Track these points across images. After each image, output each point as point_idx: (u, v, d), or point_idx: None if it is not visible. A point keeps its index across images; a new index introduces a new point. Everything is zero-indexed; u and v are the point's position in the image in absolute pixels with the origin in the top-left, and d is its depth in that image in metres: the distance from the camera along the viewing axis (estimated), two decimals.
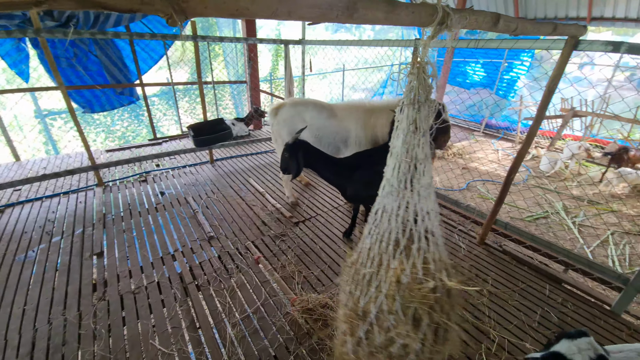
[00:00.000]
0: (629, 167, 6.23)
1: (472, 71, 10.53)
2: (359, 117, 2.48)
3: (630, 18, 6.53)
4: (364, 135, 2.47)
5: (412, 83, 0.98)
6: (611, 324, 1.84)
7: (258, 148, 4.70)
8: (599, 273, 2.04)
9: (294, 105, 2.66)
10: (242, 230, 2.68)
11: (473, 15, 0.95)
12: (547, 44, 1.87)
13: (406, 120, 1.03)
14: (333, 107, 2.64)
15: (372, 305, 1.04)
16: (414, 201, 1.08)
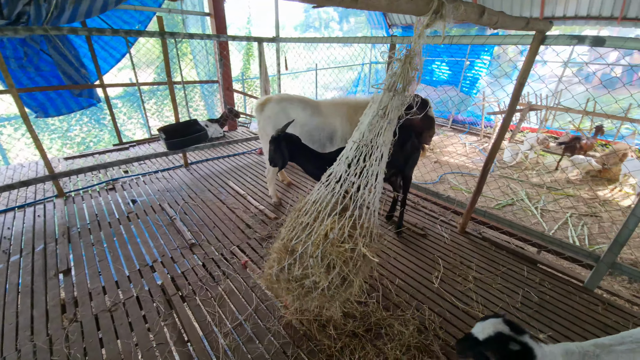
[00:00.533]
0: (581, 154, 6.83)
1: (438, 69, 11.02)
2: (345, 113, 2.48)
3: (580, 16, 7.12)
4: (349, 131, 2.48)
5: (396, 70, 0.99)
6: (586, 299, 1.99)
7: (234, 149, 4.55)
8: (571, 252, 2.21)
9: (279, 101, 2.60)
10: (225, 235, 2.57)
11: (463, 6, 0.96)
12: (517, 39, 1.98)
13: (377, 104, 1.04)
14: (319, 103, 2.62)
15: (300, 246, 1.33)
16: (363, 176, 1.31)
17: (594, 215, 5.31)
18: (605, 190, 6.16)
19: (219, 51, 4.49)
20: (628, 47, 1.58)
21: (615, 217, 5.18)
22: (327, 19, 23.83)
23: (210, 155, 4.31)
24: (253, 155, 4.35)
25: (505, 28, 1.38)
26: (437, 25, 0.88)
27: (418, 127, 2.18)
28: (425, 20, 0.87)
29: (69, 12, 2.73)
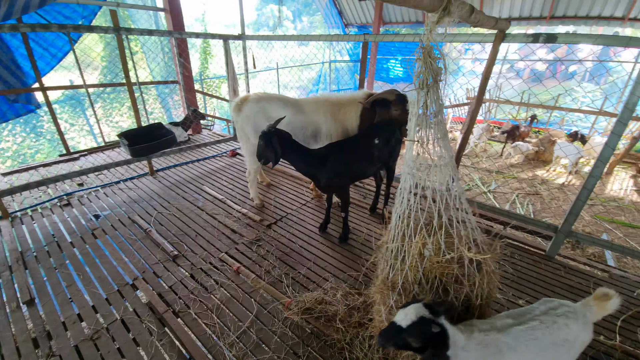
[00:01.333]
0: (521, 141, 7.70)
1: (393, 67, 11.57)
2: (328, 111, 2.49)
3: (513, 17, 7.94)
4: (334, 128, 2.50)
5: (420, 68, 1.04)
6: (550, 266, 2.27)
7: (203, 153, 4.32)
8: (533, 226, 2.50)
9: (257, 100, 2.53)
10: (211, 243, 2.44)
11: (461, 5, 1.04)
12: (481, 38, 2.17)
13: (417, 104, 1.08)
14: (299, 102, 2.59)
15: (398, 277, 1.12)
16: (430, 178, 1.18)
17: (536, 194, 6.02)
18: (542, 171, 7.02)
19: (178, 50, 4.20)
20: (576, 42, 1.84)
21: (553, 194, 5.95)
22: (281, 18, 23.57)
23: (177, 160, 4.04)
24: (225, 158, 4.18)
25: (482, 26, 1.51)
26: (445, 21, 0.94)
27: (399, 121, 2.29)
28: (436, 16, 0.93)
29: (4, 9, 2.35)
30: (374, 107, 2.36)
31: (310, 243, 2.46)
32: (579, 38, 1.83)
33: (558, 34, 1.85)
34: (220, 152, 4.36)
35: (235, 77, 3.98)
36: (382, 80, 11.90)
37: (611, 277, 2.17)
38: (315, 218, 2.80)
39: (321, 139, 2.55)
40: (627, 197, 5.83)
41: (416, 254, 1.13)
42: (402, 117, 2.27)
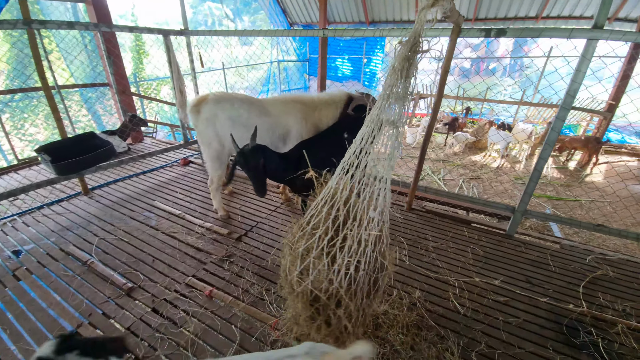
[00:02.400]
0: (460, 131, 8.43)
1: (341, 65, 11.80)
2: (300, 112, 2.35)
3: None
4: (306, 130, 2.38)
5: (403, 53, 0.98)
6: (511, 244, 2.46)
7: (149, 164, 3.82)
8: (493, 208, 2.69)
9: (217, 101, 2.29)
10: (173, 267, 2.12)
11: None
12: (438, 32, 2.24)
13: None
14: (264, 102, 2.41)
15: None
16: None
17: (477, 178, 6.64)
18: (480, 157, 7.79)
19: (106, 46, 3.61)
20: (524, 36, 1.99)
21: (491, 177, 6.64)
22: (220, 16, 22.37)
23: (118, 175, 3.49)
24: (176, 168, 3.74)
25: (451, 19, 1.53)
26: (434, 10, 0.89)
27: None
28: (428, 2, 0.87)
29: None
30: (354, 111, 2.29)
31: None
32: (525, 32, 1.98)
33: (507, 29, 1.98)
34: (169, 161, 3.90)
35: (181, 77, 3.58)
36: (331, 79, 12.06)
37: (562, 247, 2.44)
38: (287, 223, 2.64)
39: (290, 141, 2.40)
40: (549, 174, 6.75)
41: None
42: None
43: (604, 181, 6.39)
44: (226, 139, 2.36)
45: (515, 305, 1.87)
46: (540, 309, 1.85)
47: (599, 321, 1.76)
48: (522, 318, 1.78)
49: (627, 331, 1.69)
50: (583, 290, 1.98)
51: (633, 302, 1.90)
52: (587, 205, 5.64)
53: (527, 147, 7.30)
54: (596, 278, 2.10)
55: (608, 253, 2.36)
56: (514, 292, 1.96)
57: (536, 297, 1.92)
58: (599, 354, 1.55)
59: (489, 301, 1.89)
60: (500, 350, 1.58)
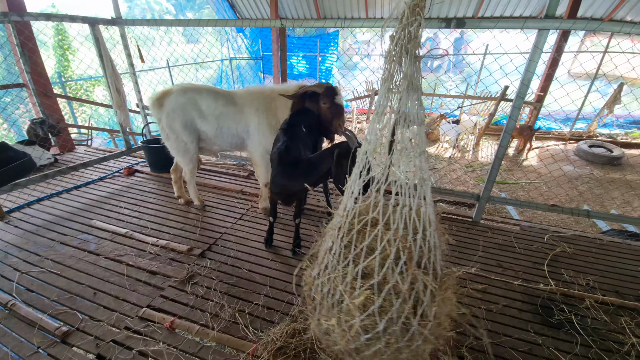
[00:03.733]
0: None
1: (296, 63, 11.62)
2: (261, 103, 2.20)
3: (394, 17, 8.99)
4: (267, 122, 2.23)
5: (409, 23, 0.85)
6: (478, 230, 2.54)
7: (83, 177, 3.26)
8: (459, 197, 2.76)
9: (183, 92, 2.24)
10: (121, 299, 1.78)
11: None
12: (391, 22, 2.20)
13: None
14: (231, 93, 2.32)
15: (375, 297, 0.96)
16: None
17: (434, 168, 6.99)
18: (433, 149, 8.22)
19: (20, 40, 2.94)
20: (482, 27, 2.03)
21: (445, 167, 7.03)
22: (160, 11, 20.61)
23: (43, 192, 2.91)
24: (119, 179, 3.25)
25: None
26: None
27: (327, 115, 2.10)
28: None
29: None
30: (304, 101, 2.17)
31: (260, 264, 2.08)
32: (483, 23, 2.02)
33: (466, 19, 2.00)
34: (109, 171, 3.38)
35: (116, 74, 3.10)
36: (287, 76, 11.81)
37: (522, 229, 2.58)
38: (256, 232, 2.41)
39: (252, 133, 2.26)
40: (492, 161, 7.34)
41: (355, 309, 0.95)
42: (331, 111, 2.09)
43: (538, 164, 7.16)
44: (194, 130, 2.29)
45: (493, 291, 1.91)
46: (515, 292, 1.90)
47: (568, 297, 1.86)
48: (501, 304, 1.81)
49: (595, 305, 1.80)
50: (548, 269, 2.09)
51: (594, 275, 2.06)
52: (527, 186, 6.24)
53: (473, 137, 7.88)
54: (557, 255, 2.24)
55: (561, 230, 2.56)
56: (490, 279, 2.00)
57: (510, 280, 1.98)
58: (575, 331, 1.63)
59: (469, 290, 1.90)
60: (488, 341, 1.57)
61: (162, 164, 3.34)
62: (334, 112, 2.07)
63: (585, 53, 8.89)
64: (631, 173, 6.74)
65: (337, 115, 2.09)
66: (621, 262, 2.20)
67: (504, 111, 8.74)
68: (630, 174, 6.71)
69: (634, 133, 8.61)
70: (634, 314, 1.76)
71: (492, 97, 8.06)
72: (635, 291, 1.94)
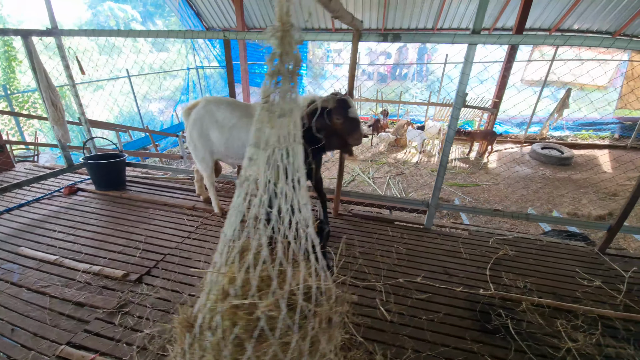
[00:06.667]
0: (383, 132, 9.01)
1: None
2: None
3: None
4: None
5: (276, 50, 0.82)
6: (429, 236, 2.59)
7: (15, 199, 2.99)
8: (411, 205, 2.81)
9: (206, 104, 2.38)
10: (39, 336, 1.61)
11: None
12: (341, 36, 2.23)
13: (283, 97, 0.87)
14: (250, 106, 2.41)
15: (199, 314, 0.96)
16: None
17: (401, 173, 7.16)
18: (401, 154, 8.44)
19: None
20: (416, 41, 2.09)
21: (413, 172, 7.23)
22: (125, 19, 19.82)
23: None
24: (57, 199, 3.01)
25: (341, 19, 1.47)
26: None
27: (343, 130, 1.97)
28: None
29: None
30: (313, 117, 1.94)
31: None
32: (417, 37, 2.09)
33: (402, 34, 2.06)
34: (48, 191, 3.12)
35: (52, 87, 2.90)
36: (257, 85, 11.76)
37: (470, 233, 2.66)
38: (203, 251, 2.31)
39: None
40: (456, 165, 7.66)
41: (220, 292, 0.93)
42: (346, 126, 1.95)
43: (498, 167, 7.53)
44: (208, 140, 2.42)
45: (436, 300, 1.92)
46: (458, 299, 1.93)
47: (506, 301, 1.91)
48: (443, 312, 1.82)
49: (531, 307, 1.86)
50: (490, 273, 2.15)
51: (532, 277, 2.14)
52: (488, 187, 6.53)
53: (438, 142, 8.17)
54: (499, 259, 2.32)
55: (506, 233, 2.66)
56: (435, 287, 2.03)
57: (453, 287, 2.02)
58: (511, 336, 1.66)
59: (413, 300, 1.91)
60: (426, 353, 1.57)
61: (107, 181, 3.15)
62: (349, 127, 1.93)
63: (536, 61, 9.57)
64: (579, 172, 7.25)
65: (352, 129, 1.95)
66: (559, 263, 2.31)
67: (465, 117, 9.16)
68: (579, 172, 7.22)
69: (582, 135, 9.32)
70: (570, 316, 1.82)
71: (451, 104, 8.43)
72: (572, 292, 2.03)
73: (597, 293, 2.02)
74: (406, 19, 8.74)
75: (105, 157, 3.16)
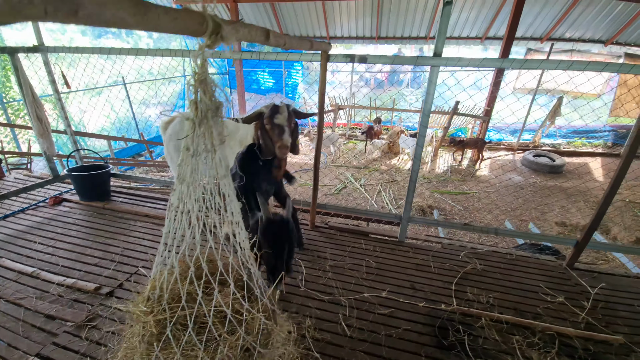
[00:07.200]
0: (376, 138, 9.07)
1: (262, 79, 11.71)
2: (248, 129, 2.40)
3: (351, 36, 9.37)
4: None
5: (198, 96, 0.89)
6: (401, 250, 2.63)
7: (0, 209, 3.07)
8: (385, 217, 2.86)
9: (181, 120, 2.49)
10: (12, 346, 1.67)
11: (245, 28, 0.96)
12: (310, 57, 2.30)
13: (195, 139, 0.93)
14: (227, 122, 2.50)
15: None
16: None
17: (393, 181, 7.20)
18: (395, 161, 8.48)
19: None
20: (382, 62, 2.16)
21: (405, 179, 7.26)
22: None
23: None
24: (42, 210, 3.08)
25: (293, 49, 1.54)
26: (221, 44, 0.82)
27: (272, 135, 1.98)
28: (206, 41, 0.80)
29: None
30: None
31: None
32: (382, 59, 2.16)
33: (368, 55, 2.13)
34: (33, 202, 3.20)
35: (37, 101, 3.00)
36: (254, 91, 11.89)
37: (443, 247, 2.71)
38: None
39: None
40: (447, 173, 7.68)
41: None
42: (272, 132, 1.97)
43: (489, 174, 7.56)
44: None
45: (398, 315, 1.97)
46: (419, 314, 1.97)
47: (466, 317, 1.95)
48: (403, 327, 1.87)
49: (490, 323, 1.89)
50: (455, 287, 2.19)
51: (497, 292, 2.18)
52: (478, 195, 6.56)
53: (431, 149, 8.21)
54: (467, 273, 2.36)
55: (477, 247, 2.71)
56: (398, 301, 2.07)
57: (417, 302, 2.06)
58: (465, 353, 1.70)
59: (375, 315, 1.95)
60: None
61: (91, 192, 3.22)
62: (274, 134, 1.95)
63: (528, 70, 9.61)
64: (570, 180, 7.27)
65: (277, 136, 1.96)
66: (525, 278, 2.35)
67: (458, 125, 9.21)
68: (570, 180, 7.23)
69: (575, 142, 9.34)
70: (528, 332, 1.85)
71: (445, 112, 8.49)
72: (534, 308, 2.07)
73: (559, 309, 2.06)
74: (399, 27, 8.86)
75: (89, 169, 3.24)
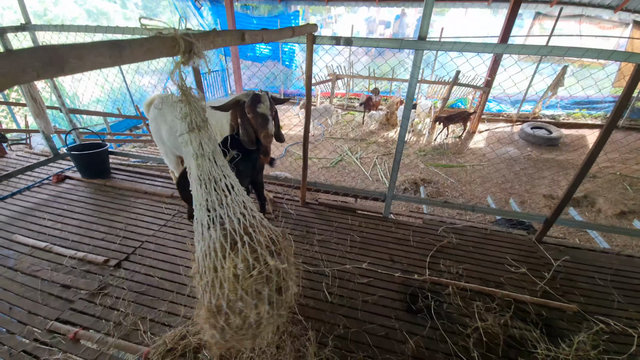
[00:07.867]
0: (374, 110, 8.97)
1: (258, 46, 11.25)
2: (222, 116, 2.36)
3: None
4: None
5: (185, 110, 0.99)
6: (385, 225, 2.82)
7: (6, 189, 3.24)
8: (371, 195, 3.03)
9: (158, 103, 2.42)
10: (33, 313, 1.93)
11: (219, 37, 1.03)
12: (297, 39, 2.30)
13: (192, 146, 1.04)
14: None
15: (222, 301, 1.16)
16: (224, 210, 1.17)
17: (389, 153, 7.27)
18: (392, 133, 8.47)
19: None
20: (367, 45, 2.17)
21: None
22: None
23: None
24: (47, 188, 3.25)
25: (273, 41, 1.57)
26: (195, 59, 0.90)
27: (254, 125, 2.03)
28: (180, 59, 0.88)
29: None
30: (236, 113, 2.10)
31: (173, 271, 2.26)
32: (367, 42, 2.16)
33: (353, 38, 2.14)
34: (37, 179, 3.36)
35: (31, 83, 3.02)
36: (250, 59, 11.50)
37: (424, 222, 2.90)
38: (177, 239, 2.57)
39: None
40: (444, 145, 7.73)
41: (231, 277, 1.18)
42: (256, 122, 1.99)
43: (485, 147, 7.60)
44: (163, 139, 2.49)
45: (375, 284, 2.20)
46: (394, 284, 2.21)
47: (435, 285, 2.19)
48: (378, 295, 2.11)
49: (456, 291, 2.13)
50: (430, 260, 2.41)
51: (467, 264, 2.40)
52: (472, 168, 6.68)
53: (429, 120, 8.16)
54: (442, 247, 2.57)
55: (456, 222, 2.89)
56: (377, 272, 2.30)
57: (393, 273, 2.29)
58: (430, 316, 1.95)
59: (355, 284, 2.19)
60: (354, 329, 1.87)
61: (91, 170, 3.36)
62: (258, 123, 1.97)
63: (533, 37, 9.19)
64: (565, 152, 7.33)
65: (260, 125, 1.97)
66: (495, 251, 2.56)
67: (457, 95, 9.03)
68: (565, 153, 7.30)
69: (575, 114, 9.22)
70: (488, 299, 2.10)
71: (445, 82, 8.29)
72: (498, 278, 2.30)
73: (521, 279, 2.29)
74: None
75: (88, 147, 3.35)
